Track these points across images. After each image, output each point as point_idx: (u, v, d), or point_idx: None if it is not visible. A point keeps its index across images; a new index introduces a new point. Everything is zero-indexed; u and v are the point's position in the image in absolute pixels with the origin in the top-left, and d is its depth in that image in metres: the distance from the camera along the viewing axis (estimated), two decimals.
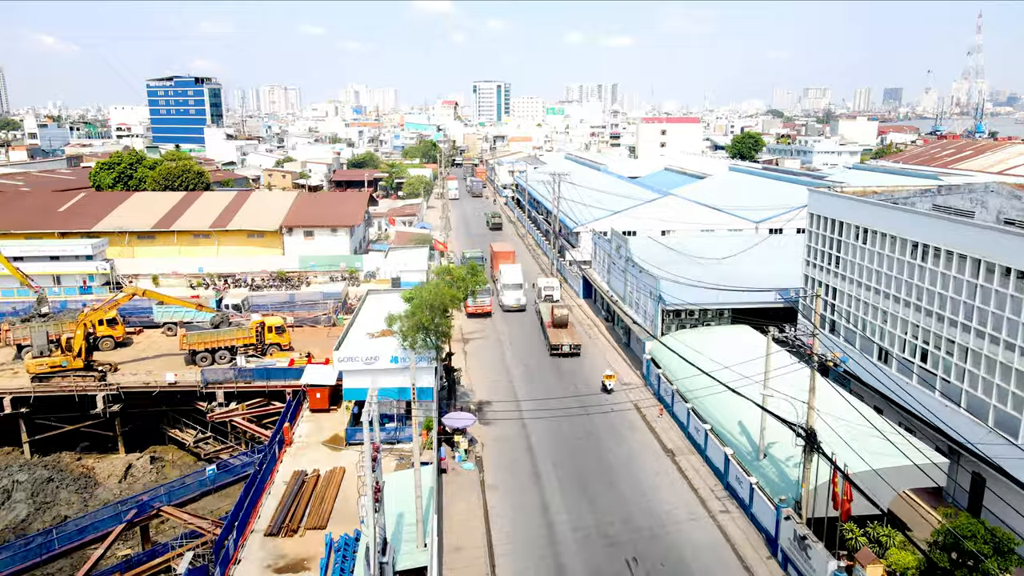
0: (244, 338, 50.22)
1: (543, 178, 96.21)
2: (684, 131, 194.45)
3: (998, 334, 28.93)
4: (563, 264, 78.38)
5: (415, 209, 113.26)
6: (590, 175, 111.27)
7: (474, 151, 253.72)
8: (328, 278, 75.96)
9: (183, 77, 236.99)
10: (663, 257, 53.75)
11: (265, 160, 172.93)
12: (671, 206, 78.28)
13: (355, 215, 79.75)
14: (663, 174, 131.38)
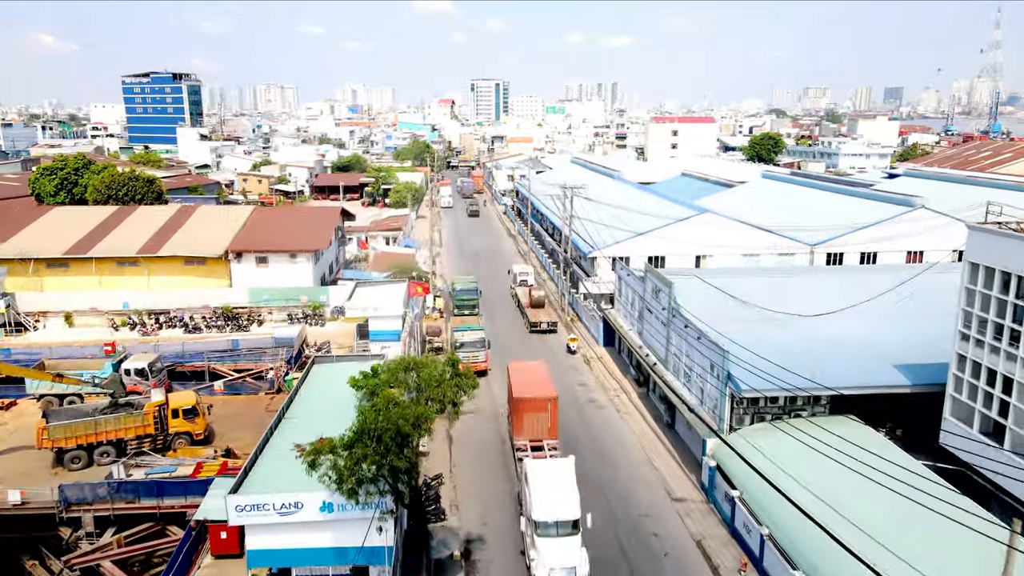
0: (138, 427, 35.71)
1: (550, 190, 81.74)
2: (697, 132, 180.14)
3: None
4: (576, 298, 63.84)
5: (401, 222, 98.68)
6: (601, 183, 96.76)
7: (471, 152, 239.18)
8: (286, 316, 61.44)
9: (160, 73, 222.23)
10: (720, 307, 39.29)
11: (241, 163, 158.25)
12: (706, 225, 63.78)
13: (320, 237, 65.14)
14: (680, 180, 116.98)
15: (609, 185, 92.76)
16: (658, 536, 30.99)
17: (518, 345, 56.86)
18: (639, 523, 31.96)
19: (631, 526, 31.71)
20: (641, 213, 66.57)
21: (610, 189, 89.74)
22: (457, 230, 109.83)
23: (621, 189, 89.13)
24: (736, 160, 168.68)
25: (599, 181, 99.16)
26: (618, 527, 31.53)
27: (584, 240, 64.76)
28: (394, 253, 78.12)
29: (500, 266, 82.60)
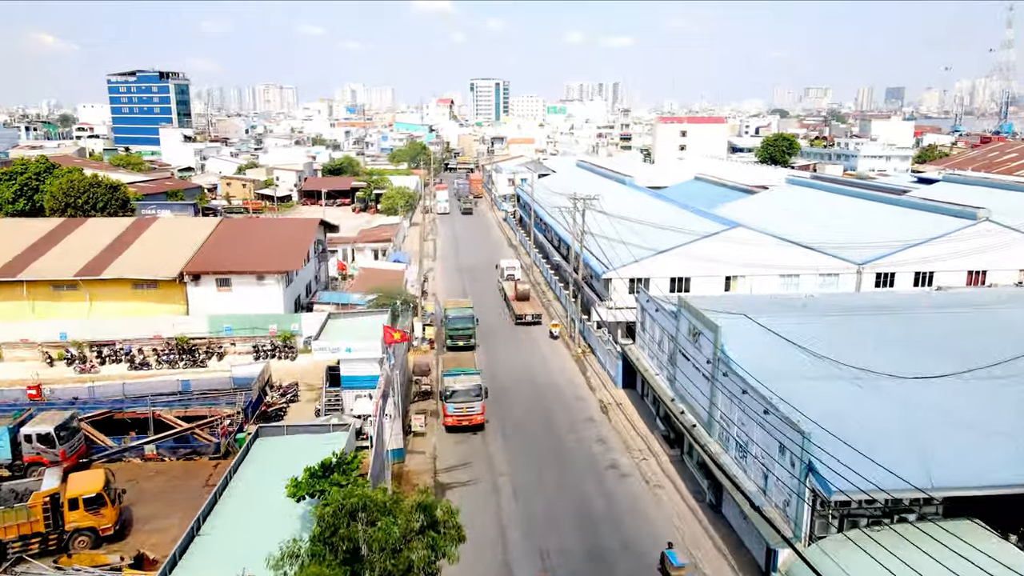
0: (22, 525, 27.18)
1: (556, 199, 73.38)
2: (707, 133, 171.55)
3: None
4: (588, 327, 55.24)
5: (391, 232, 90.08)
6: (611, 190, 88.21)
7: (470, 154, 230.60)
8: (252, 348, 52.89)
9: (147, 71, 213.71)
10: (779, 357, 30.78)
11: (226, 166, 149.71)
12: (738, 240, 55.22)
13: (293, 255, 56.55)
14: (694, 185, 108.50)
15: (620, 192, 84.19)
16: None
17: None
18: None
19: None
20: (661, 227, 57.91)
21: (622, 197, 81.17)
22: (454, 240, 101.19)
23: (634, 197, 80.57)
24: (748, 162, 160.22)
25: (608, 187, 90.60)
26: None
27: (596, 257, 56.16)
28: (381, 270, 69.51)
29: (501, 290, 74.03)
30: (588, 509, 32.52)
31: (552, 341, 57.31)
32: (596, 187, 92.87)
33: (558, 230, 74.05)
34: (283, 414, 42.41)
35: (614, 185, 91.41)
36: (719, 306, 36.28)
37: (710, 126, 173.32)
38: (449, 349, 53.78)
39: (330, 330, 42.86)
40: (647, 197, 79.40)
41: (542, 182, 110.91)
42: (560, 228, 72.09)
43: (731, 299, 44.89)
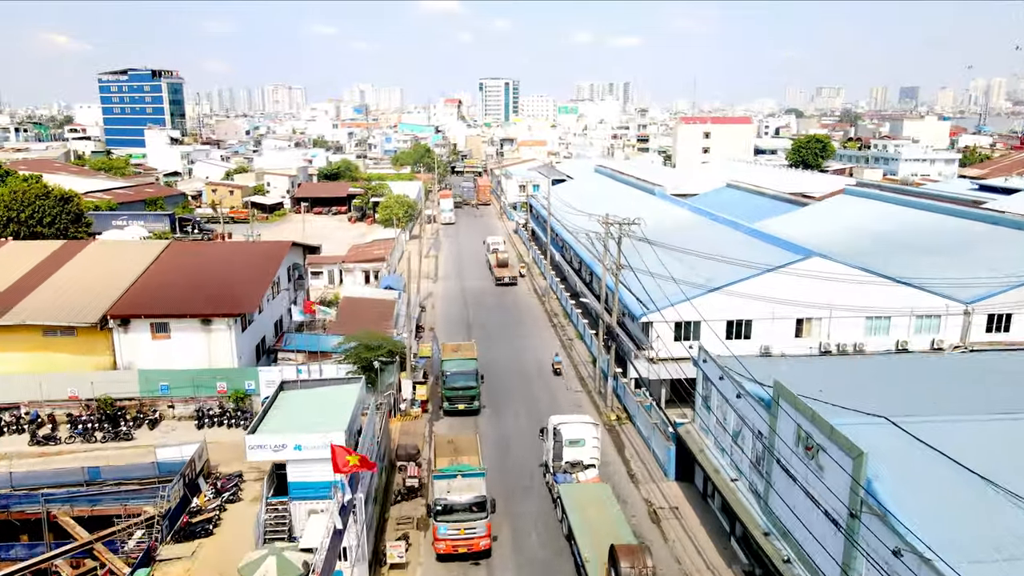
0: None
1: (577, 219, 61.64)
2: (732, 133, 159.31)
3: None
4: (624, 385, 43.52)
5: (387, 248, 78.54)
6: (637, 201, 76.50)
7: (478, 156, 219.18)
8: (194, 413, 41.53)
9: (139, 70, 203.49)
10: (952, 493, 19.19)
11: (214, 170, 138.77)
12: (812, 273, 43.36)
13: (250, 291, 45.05)
14: (727, 194, 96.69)
15: (649, 205, 72.40)
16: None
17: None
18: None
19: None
20: (713, 258, 46.08)
21: (651, 210, 69.38)
22: (458, 257, 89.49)
23: (665, 211, 68.77)
24: (777, 165, 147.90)
25: (634, 198, 78.84)
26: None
27: (630, 290, 44.35)
28: (369, 299, 57.99)
29: (513, 322, 62.27)
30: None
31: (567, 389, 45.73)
32: (620, 198, 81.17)
33: (580, 252, 62.37)
34: (214, 525, 30.91)
35: (640, 195, 79.61)
36: (834, 389, 24.49)
37: (735, 127, 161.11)
38: (446, 413, 42.25)
39: (280, 409, 31.28)
40: (682, 211, 67.62)
41: (557, 190, 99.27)
42: (583, 250, 60.45)
43: (836, 366, 33.07)
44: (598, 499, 29.34)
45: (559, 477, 32.59)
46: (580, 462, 33.11)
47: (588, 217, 55.23)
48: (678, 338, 43.63)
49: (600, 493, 30.07)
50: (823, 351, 44.29)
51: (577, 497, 29.56)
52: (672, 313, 41.96)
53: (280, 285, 52.63)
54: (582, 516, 28.11)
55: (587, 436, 33.48)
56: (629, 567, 23.44)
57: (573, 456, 33.08)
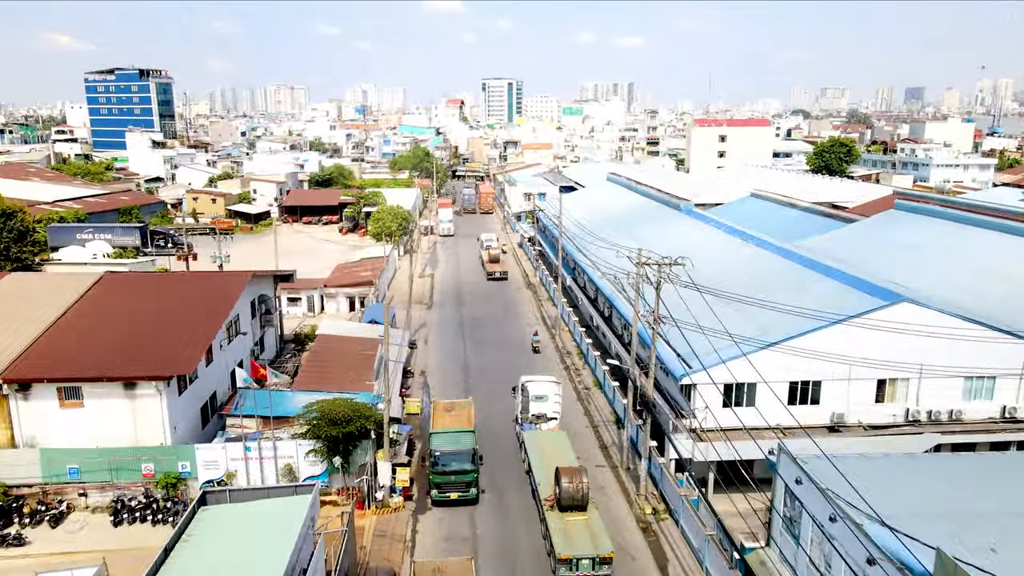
0: None
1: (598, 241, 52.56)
2: (749, 136, 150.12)
3: None
4: (663, 468, 34.33)
5: (376, 269, 69.49)
6: (661, 218, 67.51)
7: (480, 159, 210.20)
8: (112, 503, 32.53)
9: (126, 69, 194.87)
10: None
11: (198, 176, 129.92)
12: (898, 322, 34.18)
13: (192, 342, 35.86)
14: (753, 205, 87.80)
15: (677, 224, 63.30)
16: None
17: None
18: None
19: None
20: (770, 305, 36.91)
21: (678, 230, 60.35)
22: (457, 276, 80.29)
23: (696, 232, 59.60)
24: (796, 170, 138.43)
25: (656, 214, 69.76)
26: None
27: (667, 343, 35.17)
28: (346, 339, 48.89)
29: (524, 363, 53.22)
30: None
31: (586, 459, 36.69)
32: (641, 214, 72.08)
33: (603, 288, 53.25)
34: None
35: (663, 211, 70.45)
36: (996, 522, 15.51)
37: (752, 130, 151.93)
38: (435, 503, 33.22)
39: (192, 545, 22.17)
40: (715, 232, 58.41)
41: (568, 202, 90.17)
42: (608, 288, 51.36)
43: (966, 470, 23.77)
44: (554, 441, 34.99)
45: (525, 427, 37.86)
46: (544, 415, 38.70)
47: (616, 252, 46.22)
48: (728, 403, 34.61)
49: (557, 438, 35.70)
50: (911, 419, 35.22)
51: (537, 440, 35.27)
52: (720, 372, 32.92)
53: (238, 326, 43.67)
54: (539, 454, 33.67)
55: (550, 393, 39.16)
56: (568, 482, 29.05)
57: (538, 409, 38.63)
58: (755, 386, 34.18)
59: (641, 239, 60.79)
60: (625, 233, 64.56)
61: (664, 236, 58.62)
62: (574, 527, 28.34)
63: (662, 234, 59.36)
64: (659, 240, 58.34)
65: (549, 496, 30.10)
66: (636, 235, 62.28)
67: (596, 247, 57.67)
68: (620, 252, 41.62)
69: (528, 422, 38.35)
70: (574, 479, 29.16)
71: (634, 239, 61.54)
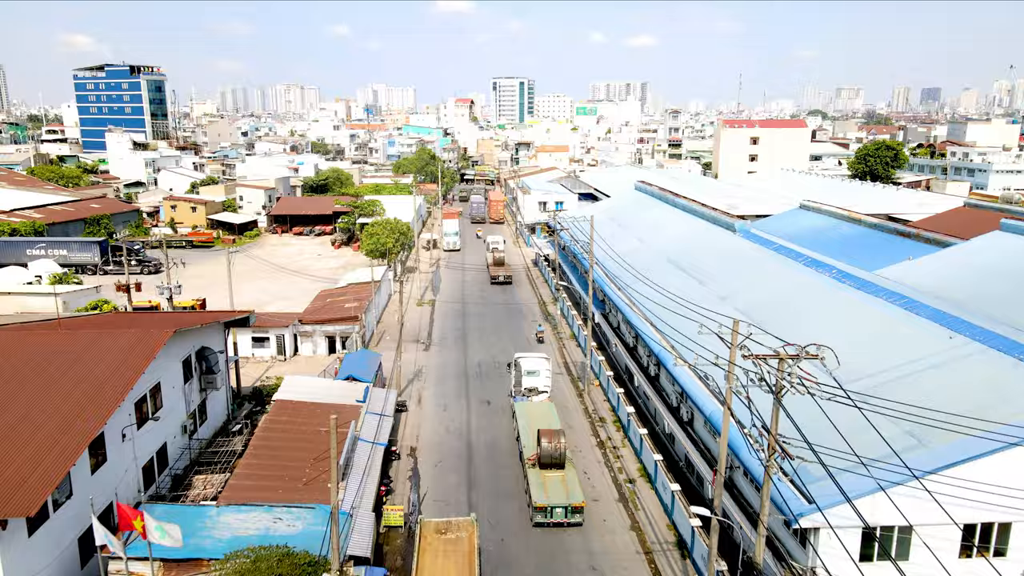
0: None
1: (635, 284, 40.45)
2: (784, 139, 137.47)
3: None
4: None
5: (364, 298, 57.53)
6: (713, 241, 55.23)
7: (490, 161, 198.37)
8: None
9: (116, 65, 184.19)
10: None
11: (181, 181, 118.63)
12: None
13: (45, 462, 23.86)
14: (805, 218, 75.87)
15: (734, 250, 50.99)
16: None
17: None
18: None
19: None
20: (919, 413, 24.73)
21: (743, 261, 48.10)
22: (462, 306, 68.26)
23: (765, 267, 47.23)
24: (835, 176, 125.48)
25: (703, 236, 57.40)
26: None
27: (784, 473, 22.90)
28: (314, 408, 36.95)
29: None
30: None
31: None
32: (681, 232, 59.86)
33: (645, 333, 41.17)
34: None
35: (710, 231, 58.05)
36: None
37: (788, 131, 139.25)
38: None
39: None
40: (791, 266, 45.95)
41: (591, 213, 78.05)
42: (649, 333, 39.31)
43: None
44: (542, 409, 38.56)
45: (517, 399, 41.66)
46: (535, 388, 42.25)
47: (676, 300, 34.15)
48: (866, 556, 22.59)
49: (545, 407, 39.26)
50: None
51: (526, 409, 38.71)
52: (852, 512, 20.79)
53: (156, 402, 31.92)
54: (526, 420, 36.83)
55: (541, 368, 42.54)
56: (547, 442, 32.38)
57: (530, 383, 42.26)
58: (909, 530, 22.17)
59: (694, 270, 48.65)
60: (669, 261, 52.45)
61: (726, 270, 46.44)
62: (551, 481, 31.74)
63: (722, 268, 47.16)
64: (720, 275, 46.16)
65: (531, 455, 33.23)
66: (686, 265, 50.11)
67: (636, 277, 45.68)
68: (690, 307, 29.55)
69: (521, 395, 42.06)
70: (553, 439, 32.43)
71: (683, 270, 49.40)
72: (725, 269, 46.74)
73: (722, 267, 47.38)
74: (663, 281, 47.85)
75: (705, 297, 42.97)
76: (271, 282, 74.31)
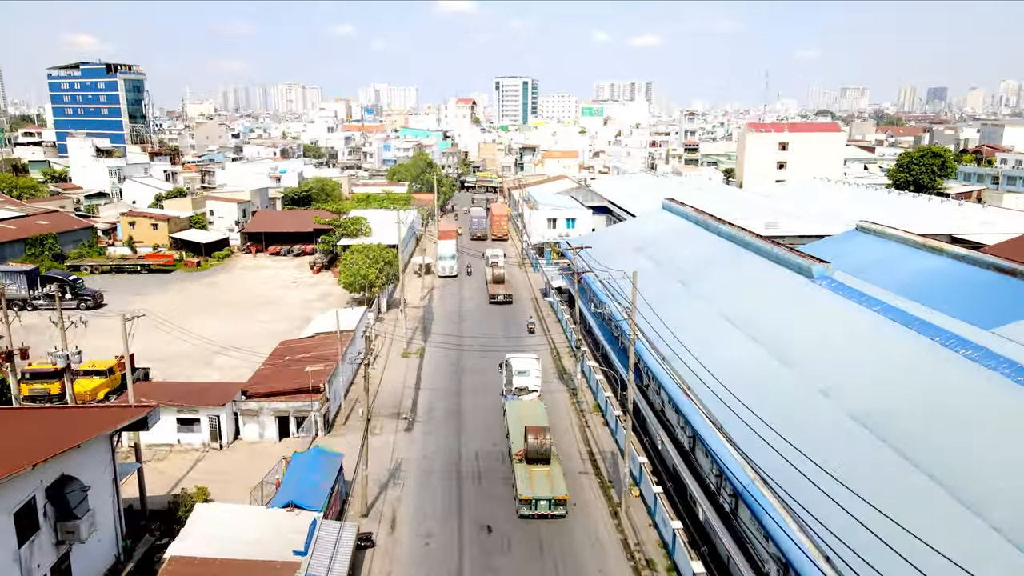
0: None
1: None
2: (816, 144, 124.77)
3: None
4: None
5: (330, 355, 44.94)
6: (784, 293, 42.48)
7: (492, 165, 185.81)
8: None
9: (92, 64, 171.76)
10: None
11: (145, 192, 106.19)
12: None
13: None
14: (866, 245, 63.34)
15: (817, 310, 38.17)
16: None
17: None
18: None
19: None
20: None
21: (833, 335, 35.31)
22: (458, 358, 55.56)
23: (873, 334, 34.55)
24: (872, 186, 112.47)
25: (768, 283, 44.54)
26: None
27: None
28: (232, 568, 24.48)
29: None
30: None
31: None
32: (736, 278, 47.18)
33: (715, 450, 28.54)
34: None
35: (776, 275, 45.16)
36: None
37: (820, 136, 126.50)
38: None
39: None
40: (915, 340, 33.22)
41: (611, 239, 65.25)
42: (732, 461, 26.76)
43: None
44: (530, 408, 39.41)
45: (508, 398, 42.37)
46: (526, 388, 43.30)
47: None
48: None
49: (534, 405, 40.01)
50: None
51: (516, 407, 39.57)
52: None
53: None
54: (516, 418, 37.91)
55: (531, 368, 43.83)
56: (533, 438, 33.73)
57: (521, 383, 43.34)
58: None
59: (768, 340, 35.77)
60: (729, 321, 39.77)
61: (816, 344, 33.69)
62: (537, 476, 33.09)
63: (809, 338, 34.44)
64: (808, 351, 33.51)
65: (519, 451, 34.42)
66: (756, 331, 37.37)
67: (686, 348, 32.98)
68: (779, 401, 16.83)
69: (512, 394, 42.93)
70: (539, 435, 33.91)
71: (754, 340, 36.60)
72: (814, 341, 34.06)
73: (808, 337, 34.71)
74: (726, 354, 35.24)
75: (798, 389, 30.38)
76: (227, 321, 61.95)
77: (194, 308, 67.46)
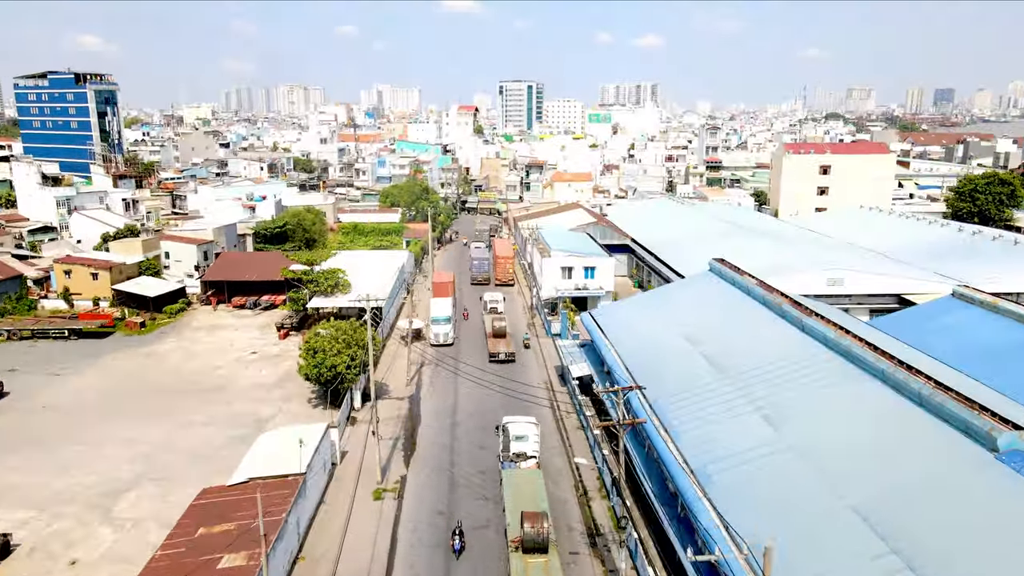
0: None
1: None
2: (862, 167, 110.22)
3: None
4: None
5: (270, 517, 30.57)
6: (955, 484, 27.81)
7: (496, 182, 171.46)
8: None
9: (61, 73, 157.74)
10: None
11: (93, 228, 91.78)
12: None
13: None
14: (973, 324, 49.32)
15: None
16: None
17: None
18: None
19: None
20: None
21: None
22: (451, 490, 41.12)
23: None
24: (925, 217, 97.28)
25: (923, 460, 29.69)
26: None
27: None
28: None
29: None
30: None
31: None
32: (860, 436, 32.09)
33: None
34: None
35: (931, 440, 30.52)
36: None
37: (866, 159, 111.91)
38: None
39: None
40: None
41: (650, 316, 50.05)
42: None
43: None
44: (530, 480, 36.25)
45: (505, 465, 39.97)
46: (524, 453, 40.43)
47: None
48: None
49: (533, 476, 36.90)
50: None
51: (513, 479, 36.49)
52: None
53: None
54: (513, 493, 34.98)
55: (530, 433, 40.91)
56: (530, 527, 30.98)
57: (518, 448, 40.50)
58: None
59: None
60: (866, 522, 24.77)
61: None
62: (533, 568, 30.44)
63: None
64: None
65: (515, 538, 31.76)
66: (923, 553, 22.56)
67: None
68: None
69: (509, 460, 40.20)
70: (536, 523, 31.22)
71: (907, 565, 21.93)
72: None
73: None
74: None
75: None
76: (154, 423, 47.87)
77: (119, 397, 53.28)
